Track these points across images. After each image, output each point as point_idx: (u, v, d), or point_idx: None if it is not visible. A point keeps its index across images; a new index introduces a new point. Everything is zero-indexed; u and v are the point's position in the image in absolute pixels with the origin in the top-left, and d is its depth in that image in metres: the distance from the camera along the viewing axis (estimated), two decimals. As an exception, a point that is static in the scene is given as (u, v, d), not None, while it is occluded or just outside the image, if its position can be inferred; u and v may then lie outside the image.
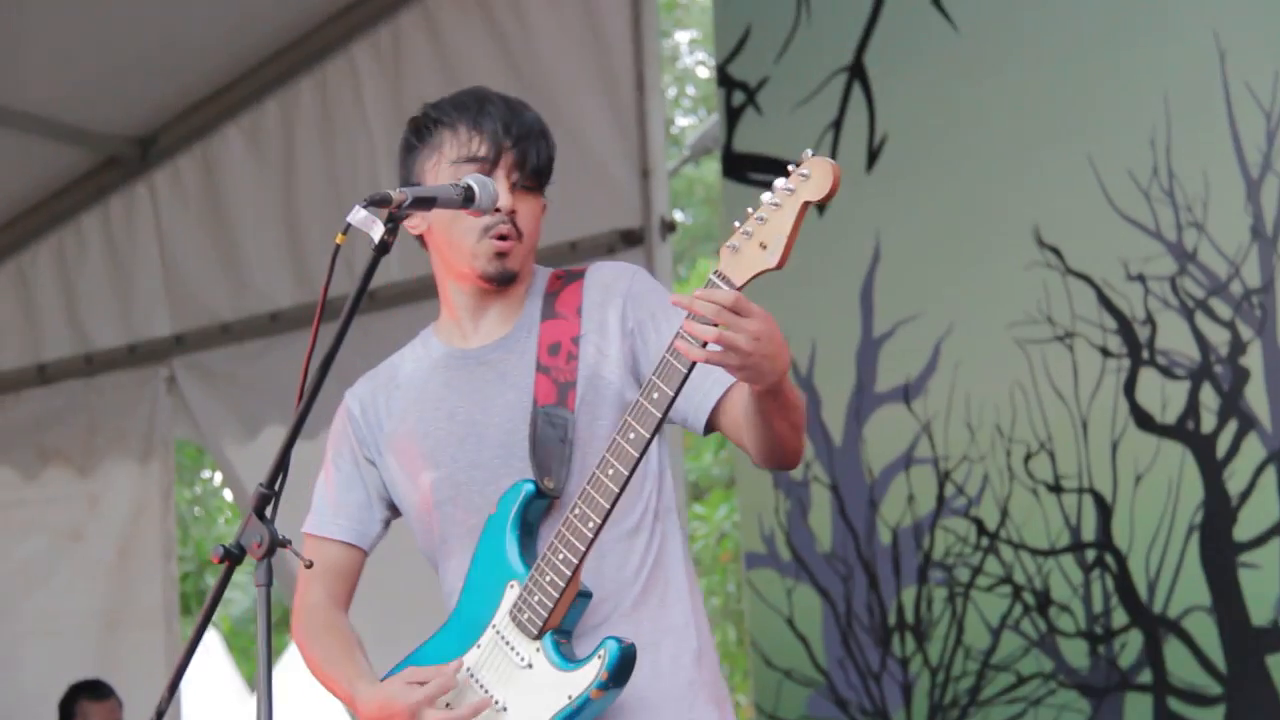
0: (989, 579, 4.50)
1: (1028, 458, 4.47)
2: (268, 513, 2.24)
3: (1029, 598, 4.44)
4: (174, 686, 2.33)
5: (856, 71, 4.78)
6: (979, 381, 4.54)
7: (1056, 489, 4.43)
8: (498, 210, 2.47)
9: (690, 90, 14.84)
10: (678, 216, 6.67)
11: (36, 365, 6.31)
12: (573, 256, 5.10)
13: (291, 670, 9.19)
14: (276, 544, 2.22)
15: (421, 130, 2.56)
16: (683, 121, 14.61)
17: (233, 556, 2.24)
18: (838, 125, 4.76)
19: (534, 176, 2.53)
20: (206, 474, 14.15)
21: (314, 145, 5.79)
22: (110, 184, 6.17)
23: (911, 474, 4.63)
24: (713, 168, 12.65)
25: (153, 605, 6.13)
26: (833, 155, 3.77)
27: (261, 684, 2.21)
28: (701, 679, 2.50)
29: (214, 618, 2.36)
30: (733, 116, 4.98)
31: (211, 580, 13.42)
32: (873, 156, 4.72)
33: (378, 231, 2.28)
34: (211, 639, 11.07)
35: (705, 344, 2.20)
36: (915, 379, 4.64)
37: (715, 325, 2.18)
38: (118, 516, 6.21)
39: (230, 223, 5.96)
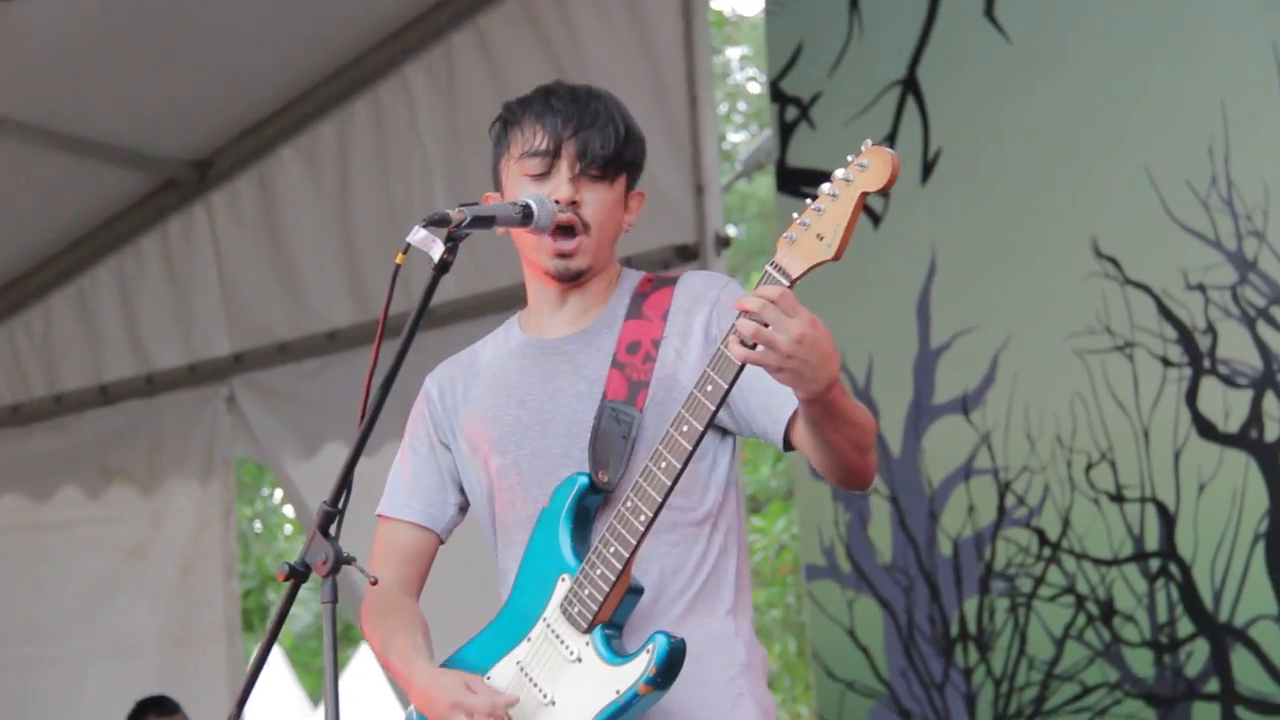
0: (1051, 589, 4.48)
1: (1089, 468, 4.44)
2: (332, 530, 2.26)
3: (1092, 608, 4.41)
4: (241, 704, 2.34)
5: (910, 85, 4.77)
6: (1038, 392, 4.52)
7: (1119, 499, 4.40)
8: (558, 201, 2.47)
9: (741, 106, 14.85)
10: (730, 231, 6.68)
11: (99, 386, 6.37)
12: (628, 271, 5.11)
13: (355, 683, 9.24)
14: (341, 561, 2.24)
15: (497, 131, 2.57)
16: (734, 137, 14.61)
17: (298, 574, 2.26)
18: (892, 139, 4.75)
19: (600, 165, 2.49)
20: (266, 491, 14.25)
21: (369, 165, 5.82)
22: (168, 206, 6.23)
23: (971, 485, 4.61)
24: (765, 183, 12.64)
25: (215, 621, 6.17)
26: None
27: (329, 699, 2.23)
28: (750, 693, 2.48)
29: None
30: (786, 131, 4.98)
31: (273, 596, 13.52)
32: (927, 169, 4.71)
33: (437, 251, 2.30)
34: (274, 654, 11.10)
35: (756, 345, 2.17)
36: (973, 390, 4.62)
37: (766, 325, 2.15)
38: (180, 534, 6.26)
39: (287, 243, 6.00)
